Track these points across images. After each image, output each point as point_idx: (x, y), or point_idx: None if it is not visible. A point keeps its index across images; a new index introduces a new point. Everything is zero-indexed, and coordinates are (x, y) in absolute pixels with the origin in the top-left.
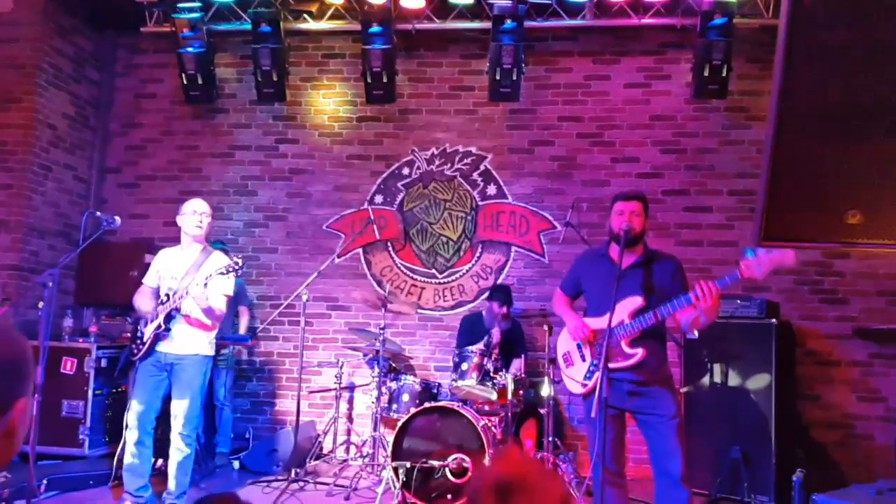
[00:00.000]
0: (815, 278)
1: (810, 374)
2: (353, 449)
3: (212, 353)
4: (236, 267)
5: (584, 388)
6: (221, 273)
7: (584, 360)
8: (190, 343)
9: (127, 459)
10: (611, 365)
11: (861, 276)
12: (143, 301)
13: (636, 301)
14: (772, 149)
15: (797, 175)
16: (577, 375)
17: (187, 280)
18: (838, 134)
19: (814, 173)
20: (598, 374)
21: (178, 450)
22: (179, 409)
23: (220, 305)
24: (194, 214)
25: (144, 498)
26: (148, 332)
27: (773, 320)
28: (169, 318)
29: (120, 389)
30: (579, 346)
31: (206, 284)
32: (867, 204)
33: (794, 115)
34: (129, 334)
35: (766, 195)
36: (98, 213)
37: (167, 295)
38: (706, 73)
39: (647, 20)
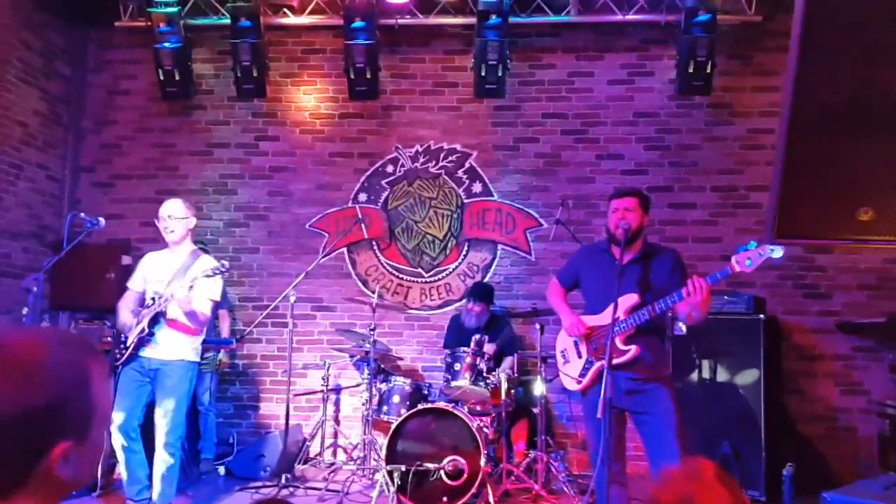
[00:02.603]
0: (798, 273)
1: (795, 368)
2: (340, 452)
3: (197, 359)
4: (222, 269)
5: (579, 385)
6: (207, 276)
7: (580, 356)
8: (175, 348)
9: (120, 468)
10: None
11: (842, 271)
12: (124, 313)
13: (632, 298)
14: (784, 146)
15: (809, 172)
16: (572, 372)
17: (174, 284)
18: (850, 131)
19: (826, 170)
20: (593, 371)
21: (163, 460)
22: (163, 416)
23: (205, 310)
24: (161, 221)
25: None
26: (132, 336)
27: (761, 316)
28: (154, 322)
29: None
30: (576, 343)
31: (191, 287)
32: (879, 201)
33: (807, 112)
34: (108, 339)
35: (778, 193)
36: (82, 215)
37: (153, 299)
38: (690, 70)
39: (630, 17)
